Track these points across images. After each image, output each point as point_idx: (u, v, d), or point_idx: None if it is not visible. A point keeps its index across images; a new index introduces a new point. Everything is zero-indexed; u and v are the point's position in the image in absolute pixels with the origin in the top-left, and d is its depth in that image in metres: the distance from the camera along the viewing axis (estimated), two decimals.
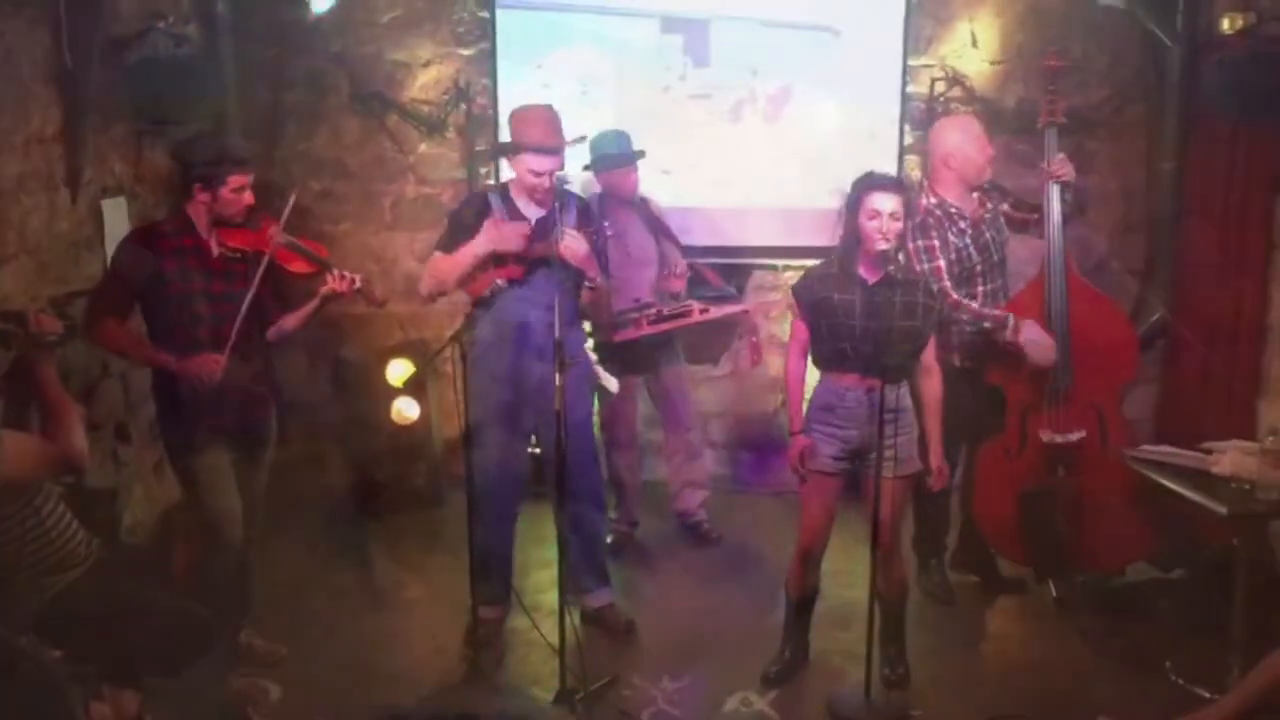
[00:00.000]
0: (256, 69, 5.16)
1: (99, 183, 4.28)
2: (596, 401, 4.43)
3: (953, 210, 4.09)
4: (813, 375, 3.70)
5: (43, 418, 2.90)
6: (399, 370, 5.08)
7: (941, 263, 3.99)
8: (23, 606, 2.88)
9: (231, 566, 3.71)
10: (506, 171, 4.21)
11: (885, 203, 3.43)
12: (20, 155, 3.82)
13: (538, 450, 4.22)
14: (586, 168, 4.70)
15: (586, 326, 4.44)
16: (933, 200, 4.10)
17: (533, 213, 3.92)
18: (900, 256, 3.58)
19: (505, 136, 4.01)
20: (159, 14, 4.44)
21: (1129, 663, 3.91)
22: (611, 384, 4.25)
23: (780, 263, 5.51)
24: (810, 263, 5.42)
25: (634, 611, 4.25)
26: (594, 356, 4.38)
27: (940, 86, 5.31)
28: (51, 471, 2.92)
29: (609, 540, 4.61)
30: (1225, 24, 4.59)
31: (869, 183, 3.49)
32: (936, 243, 4.01)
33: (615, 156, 4.64)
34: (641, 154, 4.70)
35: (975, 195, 4.17)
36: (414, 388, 5.00)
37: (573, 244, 3.77)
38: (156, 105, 4.32)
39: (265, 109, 5.31)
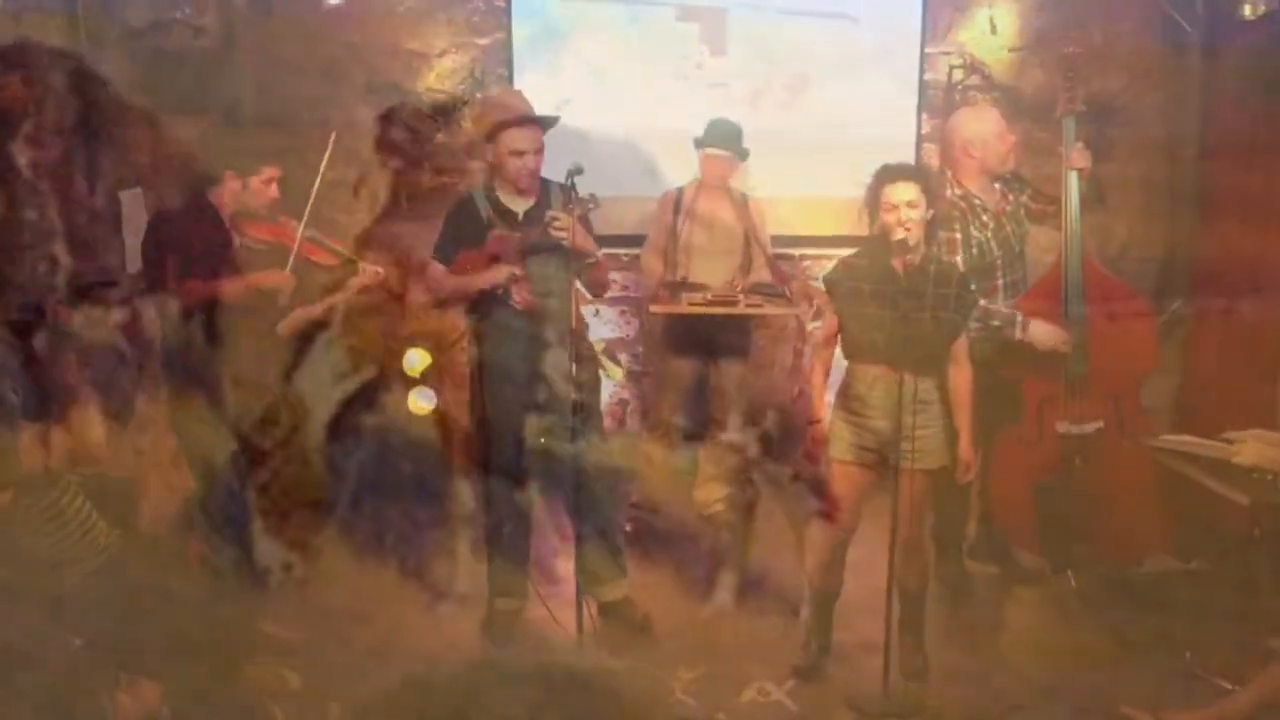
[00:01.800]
0: (272, 59, 5.16)
1: (116, 173, 4.28)
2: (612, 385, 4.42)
3: (976, 202, 4.06)
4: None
5: (61, 408, 2.91)
6: (414, 361, 5.07)
7: (959, 257, 3.97)
8: (43, 596, 2.90)
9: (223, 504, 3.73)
10: None
11: (901, 193, 3.44)
12: (37, 146, 3.82)
13: (542, 440, 4.20)
14: (698, 145, 4.73)
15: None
16: (958, 192, 4.07)
17: (519, 205, 3.90)
18: (927, 245, 3.56)
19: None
20: (176, 4, 4.45)
21: (1148, 654, 3.88)
22: (616, 373, 4.23)
23: (797, 251, 5.49)
24: (828, 251, 5.51)
25: (650, 600, 4.23)
26: (599, 347, 4.36)
27: (959, 74, 5.26)
28: (69, 462, 2.94)
29: (627, 528, 4.61)
30: (1246, 9, 4.56)
31: (884, 174, 3.51)
32: (958, 236, 3.98)
33: (710, 136, 4.67)
34: (745, 153, 4.72)
35: (998, 187, 4.14)
36: (430, 378, 4.99)
37: (561, 229, 3.71)
38: (173, 95, 4.34)
39: (281, 100, 5.31)
